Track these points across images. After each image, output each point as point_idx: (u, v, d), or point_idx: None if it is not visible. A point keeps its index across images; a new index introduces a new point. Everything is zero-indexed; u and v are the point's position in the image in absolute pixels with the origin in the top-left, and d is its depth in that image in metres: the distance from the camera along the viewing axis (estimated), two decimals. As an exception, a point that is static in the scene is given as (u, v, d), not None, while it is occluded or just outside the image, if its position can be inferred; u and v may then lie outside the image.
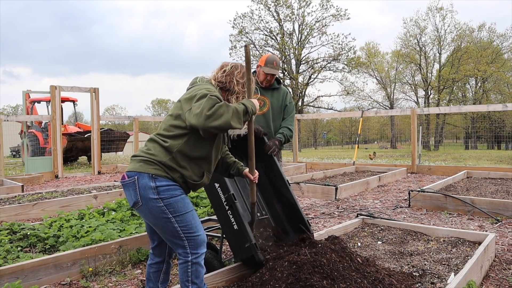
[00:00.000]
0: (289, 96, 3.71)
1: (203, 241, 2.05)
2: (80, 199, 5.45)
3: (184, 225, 1.98)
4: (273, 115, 3.60)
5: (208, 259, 2.57)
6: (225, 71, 2.19)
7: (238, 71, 2.20)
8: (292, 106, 3.70)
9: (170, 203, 1.96)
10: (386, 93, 38.56)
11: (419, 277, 2.56)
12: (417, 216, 4.61)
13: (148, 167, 1.97)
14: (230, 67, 2.21)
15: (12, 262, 2.95)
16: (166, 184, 1.96)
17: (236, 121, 1.91)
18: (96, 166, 9.98)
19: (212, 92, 1.98)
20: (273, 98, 3.62)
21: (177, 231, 1.98)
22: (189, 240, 2.00)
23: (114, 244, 3.13)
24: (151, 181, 1.94)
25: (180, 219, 1.98)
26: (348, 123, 48.28)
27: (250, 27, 30.58)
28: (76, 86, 9.75)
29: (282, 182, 2.98)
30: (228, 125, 1.87)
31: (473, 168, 8.16)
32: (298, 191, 6.26)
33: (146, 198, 1.95)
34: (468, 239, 3.24)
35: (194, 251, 2.01)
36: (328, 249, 2.33)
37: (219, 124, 1.85)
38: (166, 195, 1.96)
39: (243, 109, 1.97)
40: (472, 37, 33.99)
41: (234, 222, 2.44)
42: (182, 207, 1.99)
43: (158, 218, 1.97)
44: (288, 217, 2.96)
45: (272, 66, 3.50)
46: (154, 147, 2.01)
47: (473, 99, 35.56)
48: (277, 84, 3.67)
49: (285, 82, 31.39)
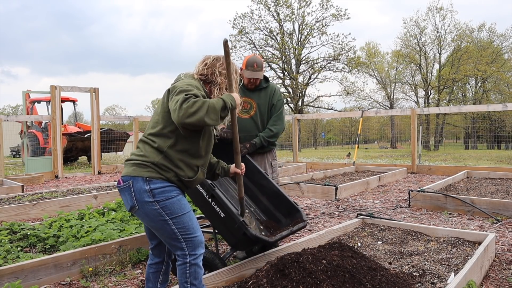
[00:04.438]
0: (277, 94, 3.50)
1: (201, 242, 2.04)
2: (80, 199, 5.45)
3: (181, 226, 1.98)
4: (261, 117, 3.44)
5: (209, 259, 2.57)
6: (206, 64, 2.19)
7: (220, 63, 2.19)
8: (280, 104, 3.49)
9: (166, 205, 1.96)
10: (386, 93, 38.55)
11: (419, 277, 2.56)
12: (417, 216, 4.61)
13: (141, 170, 1.96)
14: (211, 60, 2.20)
15: (12, 262, 2.95)
16: (160, 186, 1.96)
17: (212, 118, 1.87)
18: (96, 166, 9.99)
19: (192, 86, 1.97)
20: (261, 99, 3.44)
21: (175, 233, 1.97)
22: (187, 241, 1.99)
23: (114, 244, 3.13)
24: (146, 184, 1.94)
25: (177, 221, 1.97)
26: (348, 123, 48.28)
27: (250, 27, 30.58)
28: (76, 86, 9.75)
29: (260, 175, 3.08)
30: (203, 122, 1.84)
31: (473, 168, 8.16)
32: (298, 191, 6.26)
33: (142, 201, 1.95)
34: (468, 239, 3.24)
35: (193, 252, 2.00)
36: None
37: (192, 121, 1.83)
38: (161, 197, 1.95)
39: (221, 105, 1.92)
40: (472, 37, 33.98)
41: (220, 211, 2.49)
42: (178, 209, 1.98)
43: (155, 221, 1.97)
44: (276, 206, 3.03)
45: (252, 69, 3.29)
46: (145, 148, 2.01)
47: (473, 99, 35.56)
48: (264, 83, 3.48)
49: (285, 82, 31.38)
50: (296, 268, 2.12)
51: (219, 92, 2.15)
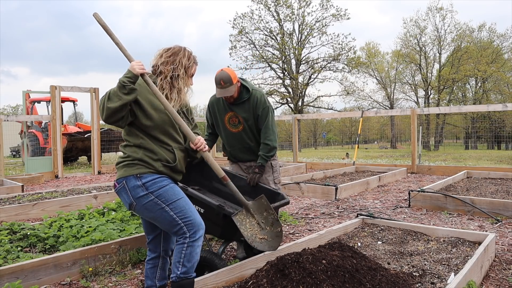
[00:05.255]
0: (260, 103, 3.21)
1: (200, 224, 2.11)
2: (80, 199, 5.45)
3: (179, 211, 2.07)
4: (250, 129, 3.27)
5: (209, 259, 2.57)
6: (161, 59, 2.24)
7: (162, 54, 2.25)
8: (265, 112, 3.21)
9: (160, 194, 2.07)
10: (386, 93, 38.53)
11: (419, 277, 2.56)
12: (417, 216, 4.61)
13: (131, 169, 2.09)
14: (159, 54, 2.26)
15: (12, 262, 2.95)
16: (151, 178, 2.08)
17: (114, 100, 1.97)
18: (96, 166, 9.99)
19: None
20: (245, 112, 3.22)
21: (174, 218, 2.06)
22: (187, 224, 2.07)
23: (114, 244, 3.13)
24: (137, 180, 2.07)
25: (173, 206, 2.07)
26: (348, 123, 48.23)
27: (250, 27, 30.54)
28: (76, 86, 9.75)
29: (236, 178, 3.08)
30: (108, 109, 1.97)
31: (473, 168, 8.16)
32: (298, 191, 6.27)
33: (138, 197, 2.07)
34: (468, 239, 3.24)
35: (193, 233, 2.07)
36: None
37: (105, 116, 1.99)
38: (154, 187, 2.07)
39: (117, 86, 2.00)
40: (472, 37, 33.95)
41: (199, 207, 2.56)
42: (173, 195, 2.09)
43: (153, 211, 2.07)
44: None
45: (220, 87, 3.06)
46: (127, 150, 2.16)
47: (473, 99, 35.53)
48: (246, 95, 3.21)
49: (285, 82, 31.37)
50: (296, 268, 2.12)
51: (163, 82, 2.19)
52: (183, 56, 2.23)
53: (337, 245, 2.48)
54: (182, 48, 2.28)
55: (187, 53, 2.26)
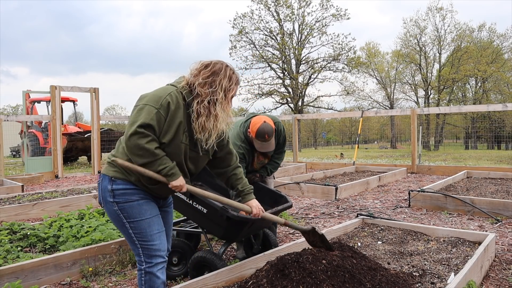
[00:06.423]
0: (282, 134, 3.33)
1: (158, 251, 1.96)
2: (80, 199, 5.45)
3: (138, 232, 1.93)
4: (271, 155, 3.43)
5: (209, 260, 2.57)
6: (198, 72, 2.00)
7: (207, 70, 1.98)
8: (284, 140, 3.36)
9: (124, 208, 1.92)
10: (386, 93, 38.52)
11: (419, 277, 2.56)
12: (417, 216, 4.61)
13: (110, 169, 1.97)
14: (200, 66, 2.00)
15: (12, 262, 2.95)
16: (122, 188, 1.92)
17: (147, 167, 1.86)
18: (96, 166, 9.98)
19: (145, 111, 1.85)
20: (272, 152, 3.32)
21: (131, 237, 1.95)
22: (143, 248, 1.94)
23: (114, 244, 3.13)
24: (109, 184, 1.93)
25: (134, 225, 1.93)
26: (348, 123, 48.22)
27: (250, 27, 30.52)
28: (76, 86, 9.76)
29: None
30: (137, 163, 1.85)
31: (473, 168, 8.16)
32: (298, 191, 6.27)
33: (105, 200, 1.95)
34: (468, 239, 3.24)
35: (148, 260, 1.95)
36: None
37: (132, 154, 1.84)
38: (120, 199, 1.92)
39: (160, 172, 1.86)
40: (472, 37, 33.94)
41: (202, 208, 2.55)
42: (137, 214, 1.92)
43: (115, 220, 1.97)
44: (261, 200, 3.01)
45: (263, 140, 2.95)
46: (117, 149, 2.00)
47: (473, 99, 35.53)
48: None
49: (285, 82, 31.36)
50: (296, 268, 2.12)
51: (200, 106, 1.93)
52: (224, 77, 1.95)
53: (337, 245, 2.47)
54: (223, 66, 1.98)
55: (228, 73, 1.98)
